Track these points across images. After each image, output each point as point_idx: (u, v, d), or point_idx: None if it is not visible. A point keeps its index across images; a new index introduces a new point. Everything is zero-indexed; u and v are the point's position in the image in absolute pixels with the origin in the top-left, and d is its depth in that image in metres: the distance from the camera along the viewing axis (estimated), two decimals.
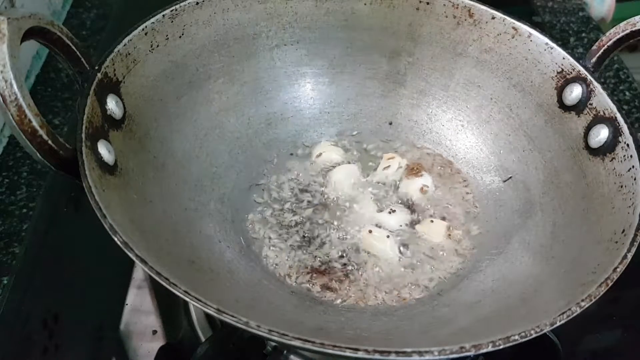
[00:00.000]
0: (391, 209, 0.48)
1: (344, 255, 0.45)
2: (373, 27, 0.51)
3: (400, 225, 0.47)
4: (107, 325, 0.48)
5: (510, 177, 0.49)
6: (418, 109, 0.53)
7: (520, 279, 0.41)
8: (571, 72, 0.45)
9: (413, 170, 0.51)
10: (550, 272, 0.40)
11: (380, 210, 0.48)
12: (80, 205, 0.55)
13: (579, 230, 0.41)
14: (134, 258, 0.31)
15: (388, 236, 0.46)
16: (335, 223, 0.47)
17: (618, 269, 0.34)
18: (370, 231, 0.46)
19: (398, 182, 0.50)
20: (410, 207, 0.49)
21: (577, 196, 0.43)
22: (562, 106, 0.46)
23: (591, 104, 0.44)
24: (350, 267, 0.45)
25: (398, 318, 0.41)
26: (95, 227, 0.32)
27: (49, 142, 0.34)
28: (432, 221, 0.47)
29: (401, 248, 0.46)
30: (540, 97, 0.47)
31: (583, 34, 0.78)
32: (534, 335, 0.30)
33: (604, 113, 0.43)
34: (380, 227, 0.47)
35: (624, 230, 0.37)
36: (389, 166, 0.51)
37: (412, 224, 0.48)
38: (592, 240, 0.39)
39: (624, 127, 0.41)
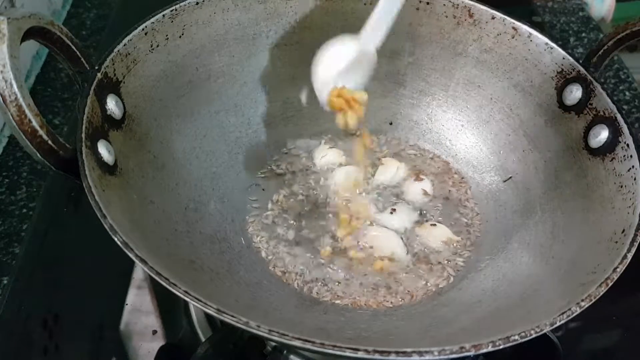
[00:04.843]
0: (392, 209, 0.48)
1: (345, 255, 0.45)
2: None
3: (402, 226, 0.47)
4: (107, 325, 0.48)
5: (510, 177, 0.49)
6: (418, 109, 0.53)
7: (520, 279, 0.41)
8: (571, 72, 0.45)
9: (413, 174, 0.51)
10: (550, 272, 0.40)
11: (382, 211, 0.48)
12: (80, 205, 0.55)
13: (579, 230, 0.41)
14: (134, 258, 0.31)
15: (394, 236, 0.46)
16: (336, 224, 0.47)
17: (618, 269, 0.34)
18: (373, 232, 0.46)
19: (398, 185, 0.50)
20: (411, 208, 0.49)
21: (577, 196, 0.43)
22: (562, 106, 0.46)
23: (591, 104, 0.44)
24: (351, 267, 0.45)
25: (398, 318, 0.42)
26: (95, 227, 0.32)
27: (49, 142, 0.34)
28: (433, 224, 0.47)
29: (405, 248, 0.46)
30: (540, 97, 0.47)
31: (583, 34, 0.78)
32: (534, 335, 0.30)
33: (604, 113, 0.43)
34: (382, 227, 0.47)
35: (624, 230, 0.37)
36: (386, 170, 0.51)
37: (413, 225, 0.48)
38: (592, 240, 0.39)
39: (624, 127, 0.41)
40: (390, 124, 0.54)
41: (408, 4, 0.50)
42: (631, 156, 0.40)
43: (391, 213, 0.48)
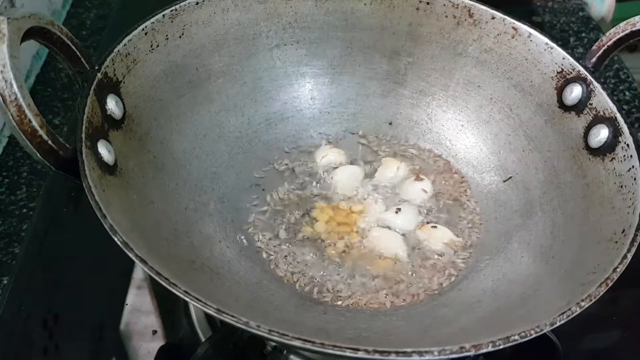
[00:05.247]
0: (397, 209, 0.48)
1: (346, 255, 0.45)
2: (373, 27, 0.51)
3: (407, 226, 0.47)
4: (107, 325, 0.48)
5: (510, 177, 0.49)
6: (418, 109, 0.53)
7: (520, 279, 0.41)
8: (571, 72, 0.45)
9: (413, 174, 0.51)
10: (550, 272, 0.40)
11: (385, 211, 0.48)
12: (80, 205, 0.55)
13: (579, 230, 0.41)
14: (134, 258, 0.31)
15: (395, 237, 0.46)
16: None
17: (618, 269, 0.34)
18: (375, 233, 0.46)
19: (398, 186, 0.50)
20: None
21: (577, 196, 0.43)
22: (562, 106, 0.46)
23: (591, 104, 0.44)
24: (352, 268, 0.45)
25: (398, 318, 0.42)
26: (95, 227, 0.32)
27: (49, 142, 0.34)
28: (434, 227, 0.47)
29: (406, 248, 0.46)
30: (540, 97, 0.47)
31: (583, 34, 0.78)
32: (534, 335, 0.30)
33: (604, 113, 0.43)
34: (384, 227, 0.47)
35: (624, 230, 0.37)
36: (386, 170, 0.51)
37: (416, 226, 0.48)
38: (592, 240, 0.39)
39: (624, 127, 0.41)
40: (390, 124, 0.54)
41: (408, 4, 0.50)
42: (631, 156, 0.40)
43: (396, 212, 0.48)
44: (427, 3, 0.50)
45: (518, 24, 0.48)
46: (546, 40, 0.46)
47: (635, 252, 0.35)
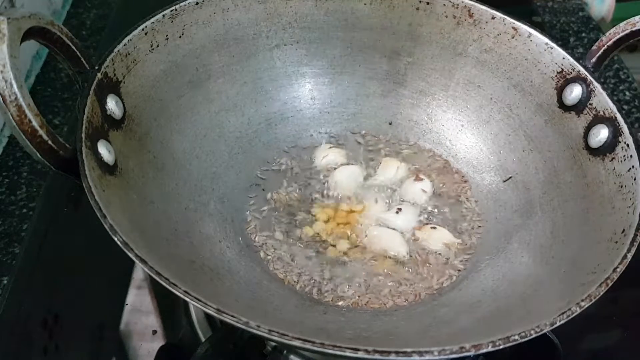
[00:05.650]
0: (398, 209, 0.48)
1: (346, 255, 0.45)
2: (373, 27, 0.51)
3: (407, 226, 0.47)
4: (107, 325, 0.49)
5: (510, 177, 0.49)
6: (418, 109, 0.53)
7: (520, 279, 0.41)
8: (571, 72, 0.45)
9: (413, 174, 0.51)
10: (550, 272, 0.40)
11: (386, 210, 0.48)
12: (80, 205, 0.55)
13: (579, 230, 0.41)
14: (134, 258, 0.31)
15: (396, 236, 0.46)
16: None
17: (618, 269, 0.34)
18: (375, 232, 0.46)
19: (398, 186, 0.50)
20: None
21: (577, 196, 0.43)
22: (562, 106, 0.46)
23: (591, 104, 0.44)
24: (352, 268, 0.45)
25: (398, 318, 0.42)
26: (95, 227, 0.32)
27: (49, 142, 0.34)
28: (433, 227, 0.47)
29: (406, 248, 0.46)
30: (540, 97, 0.47)
31: (583, 34, 0.78)
32: (534, 335, 0.30)
33: (604, 113, 0.43)
34: (384, 227, 0.47)
35: (624, 230, 0.37)
36: (386, 170, 0.51)
37: (415, 225, 0.48)
38: (592, 240, 0.39)
39: (624, 127, 0.41)
40: (390, 124, 0.54)
41: (408, 4, 0.50)
42: (631, 156, 0.40)
43: (397, 212, 0.48)
44: (427, 3, 0.50)
45: (518, 24, 0.48)
46: (546, 40, 0.46)
47: (635, 252, 0.35)
